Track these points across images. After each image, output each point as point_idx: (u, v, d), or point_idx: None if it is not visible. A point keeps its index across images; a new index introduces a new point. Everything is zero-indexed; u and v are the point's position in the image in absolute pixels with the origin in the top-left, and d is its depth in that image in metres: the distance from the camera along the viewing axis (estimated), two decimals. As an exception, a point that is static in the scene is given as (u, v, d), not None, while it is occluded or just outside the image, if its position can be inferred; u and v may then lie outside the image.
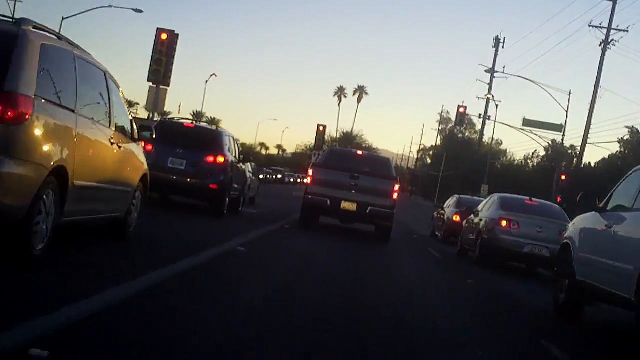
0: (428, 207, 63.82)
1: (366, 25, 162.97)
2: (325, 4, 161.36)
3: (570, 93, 40.83)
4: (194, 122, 20.08)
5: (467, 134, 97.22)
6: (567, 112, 40.51)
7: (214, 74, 65.09)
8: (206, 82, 64.59)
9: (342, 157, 18.23)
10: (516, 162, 72.35)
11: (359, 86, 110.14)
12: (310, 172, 17.04)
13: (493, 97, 47.24)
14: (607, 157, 65.08)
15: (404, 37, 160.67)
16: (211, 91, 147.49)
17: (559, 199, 32.43)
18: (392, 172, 17.67)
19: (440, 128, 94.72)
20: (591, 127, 37.40)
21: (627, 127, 58.08)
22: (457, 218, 19.86)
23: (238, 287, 7.03)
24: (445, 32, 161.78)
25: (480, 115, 58.81)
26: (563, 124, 42.23)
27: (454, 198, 22.62)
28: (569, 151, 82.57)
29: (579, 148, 43.35)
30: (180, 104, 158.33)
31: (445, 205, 23.03)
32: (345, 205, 16.06)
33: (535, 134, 42.71)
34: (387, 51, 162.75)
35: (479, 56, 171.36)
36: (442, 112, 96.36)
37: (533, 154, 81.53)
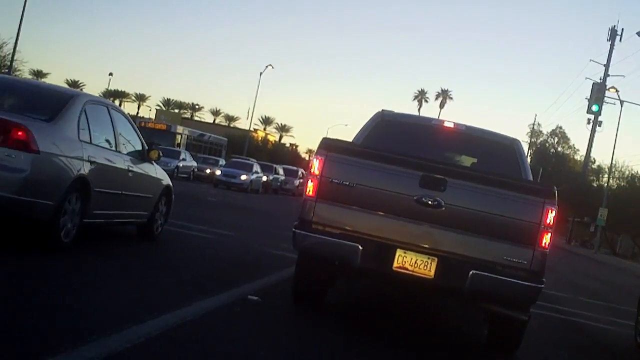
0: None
1: (453, 22, 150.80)
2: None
3: None
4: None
5: (559, 149, 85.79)
6: None
7: (270, 65, 56.14)
8: (260, 73, 55.63)
9: (405, 132, 7.80)
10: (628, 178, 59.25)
11: (442, 90, 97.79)
12: (315, 167, 6.11)
13: (617, 91, 35.07)
14: None
15: (494, 37, 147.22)
16: (274, 93, 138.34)
17: None
18: (527, 172, 7.49)
19: (530, 141, 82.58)
20: None
21: None
22: None
23: None
24: (543, 30, 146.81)
25: (589, 120, 47.62)
26: None
27: None
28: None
29: None
30: (249, 108, 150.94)
31: None
32: (404, 260, 6.00)
33: None
34: (476, 52, 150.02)
35: (584, 55, 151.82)
36: (534, 123, 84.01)
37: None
